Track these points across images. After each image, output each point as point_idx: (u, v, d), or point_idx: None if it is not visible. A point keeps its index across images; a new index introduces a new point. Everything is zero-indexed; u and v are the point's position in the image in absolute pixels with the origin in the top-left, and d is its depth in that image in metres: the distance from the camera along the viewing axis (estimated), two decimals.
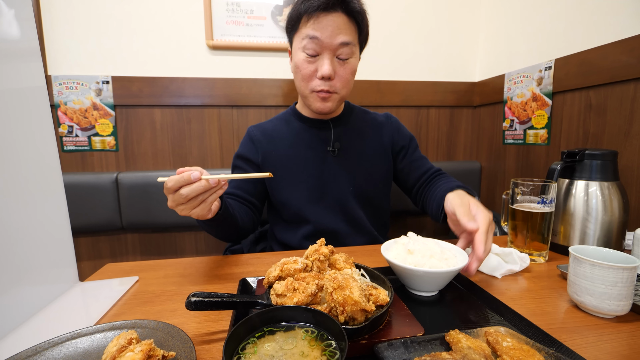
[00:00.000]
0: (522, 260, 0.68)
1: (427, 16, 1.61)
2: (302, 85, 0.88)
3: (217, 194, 0.62)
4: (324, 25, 0.80)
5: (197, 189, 0.57)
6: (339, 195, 0.95)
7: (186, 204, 0.59)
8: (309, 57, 0.84)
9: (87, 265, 1.42)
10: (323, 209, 0.94)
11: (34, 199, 0.58)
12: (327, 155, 0.95)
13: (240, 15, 1.45)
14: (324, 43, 0.81)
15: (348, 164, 0.96)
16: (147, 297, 0.60)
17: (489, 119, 1.60)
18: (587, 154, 0.76)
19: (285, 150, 0.96)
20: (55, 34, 1.34)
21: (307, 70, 0.85)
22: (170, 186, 0.58)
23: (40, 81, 0.62)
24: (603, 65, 1.03)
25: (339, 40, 0.81)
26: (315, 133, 0.97)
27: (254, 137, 0.98)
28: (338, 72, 0.85)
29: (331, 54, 0.83)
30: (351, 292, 0.41)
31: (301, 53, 0.85)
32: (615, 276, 0.49)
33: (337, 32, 0.81)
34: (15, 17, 0.57)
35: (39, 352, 0.39)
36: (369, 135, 1.00)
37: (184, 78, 1.42)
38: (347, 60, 0.85)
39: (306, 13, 0.81)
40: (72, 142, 1.40)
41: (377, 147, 1.00)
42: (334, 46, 0.82)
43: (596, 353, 0.42)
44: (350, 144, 0.97)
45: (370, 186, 0.98)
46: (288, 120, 1.00)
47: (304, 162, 0.94)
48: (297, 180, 0.94)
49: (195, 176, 0.57)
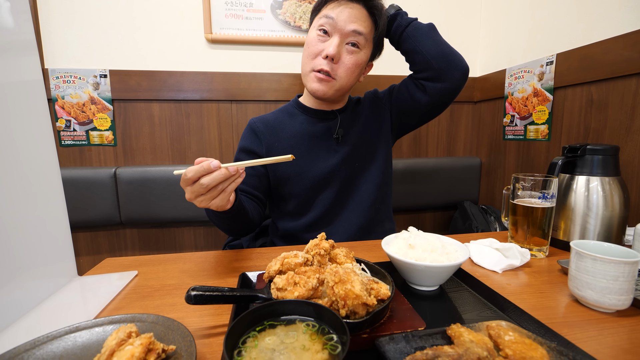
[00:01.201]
0: (523, 255, 0.68)
1: (427, 11, 1.59)
2: (306, 62, 0.89)
3: (237, 183, 0.61)
4: (342, 9, 0.83)
5: (217, 177, 0.56)
6: (345, 175, 0.95)
7: (206, 194, 0.58)
8: (321, 35, 0.86)
9: (85, 260, 1.42)
10: (328, 196, 0.95)
11: (32, 194, 0.57)
12: (331, 143, 0.95)
13: (240, 9, 1.43)
14: (338, 25, 0.83)
15: (352, 143, 0.96)
16: (146, 291, 0.60)
17: (490, 114, 1.59)
18: (588, 149, 0.76)
19: (289, 141, 0.95)
20: (51, 26, 1.33)
21: (315, 48, 0.86)
22: (191, 176, 0.56)
23: (37, 75, 0.61)
24: (605, 60, 1.02)
25: (352, 26, 0.83)
26: (320, 123, 0.96)
27: (257, 129, 0.97)
28: (343, 59, 0.86)
29: (341, 38, 0.84)
30: (352, 286, 0.41)
31: (315, 31, 0.87)
32: (616, 271, 0.48)
33: (352, 19, 0.83)
34: (10, 10, 0.56)
35: (38, 345, 0.39)
36: (368, 115, 1.01)
37: (183, 72, 1.41)
38: (355, 49, 0.86)
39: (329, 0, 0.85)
40: (69, 136, 1.39)
41: (375, 118, 1.01)
42: (346, 31, 0.83)
43: (597, 347, 0.42)
44: (353, 128, 0.98)
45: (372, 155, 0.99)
46: (291, 113, 0.99)
47: (308, 152, 0.94)
48: (301, 171, 0.94)
49: (215, 164, 0.56)
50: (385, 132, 1.02)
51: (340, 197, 0.96)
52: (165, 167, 1.38)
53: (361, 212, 0.96)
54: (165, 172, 1.36)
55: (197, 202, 0.59)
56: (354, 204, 0.97)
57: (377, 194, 0.98)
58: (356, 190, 0.97)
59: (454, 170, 1.61)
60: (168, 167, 1.39)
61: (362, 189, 0.97)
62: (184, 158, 1.48)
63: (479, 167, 1.65)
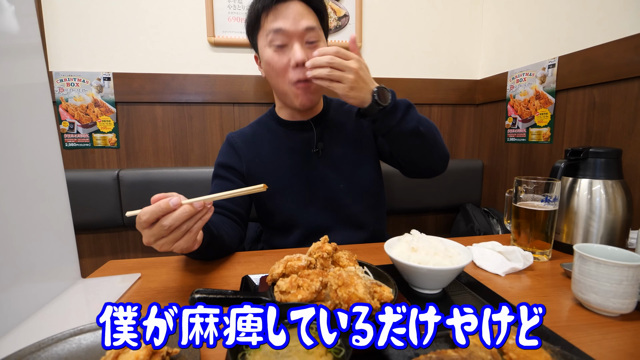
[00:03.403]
0: (526, 258, 0.68)
1: (429, 14, 1.60)
2: (279, 82, 0.84)
3: (204, 220, 0.53)
4: (284, 15, 0.78)
5: (180, 217, 0.49)
6: (330, 195, 0.92)
7: (168, 237, 0.50)
8: (278, 49, 0.80)
9: (88, 262, 1.42)
10: (314, 212, 0.91)
11: (36, 196, 0.58)
12: (311, 157, 0.92)
13: (242, 12, 1.44)
14: (290, 31, 0.78)
15: (335, 162, 0.92)
16: (149, 294, 0.60)
17: (492, 117, 1.59)
18: (591, 152, 0.76)
19: (269, 157, 0.92)
20: (56, 30, 1.34)
21: (280, 63, 0.81)
22: (146, 219, 0.48)
23: (43, 77, 0.62)
24: (607, 63, 1.02)
25: (303, 25, 0.78)
26: (298, 136, 0.93)
27: (235, 144, 0.93)
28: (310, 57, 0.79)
29: (300, 40, 0.79)
30: (356, 289, 0.41)
31: (268, 49, 0.81)
32: (620, 274, 0.48)
33: (299, 19, 0.78)
34: (16, 14, 0.57)
35: (43, 348, 0.39)
36: (349, 128, 0.96)
37: (185, 75, 1.42)
38: (315, 43, 0.82)
39: (265, 9, 0.79)
40: (73, 139, 1.40)
41: (360, 137, 0.96)
42: (300, 32, 0.79)
43: (601, 351, 0.42)
44: (333, 142, 0.93)
45: (362, 178, 0.94)
46: (268, 125, 0.96)
47: (289, 167, 0.91)
48: (284, 187, 0.91)
49: (174, 202, 0.48)
50: (371, 146, 0.97)
51: (328, 214, 0.92)
52: (168, 170, 1.38)
53: (352, 230, 0.93)
54: (167, 175, 1.36)
55: (156, 246, 0.50)
56: (343, 222, 0.93)
57: (368, 214, 0.95)
58: (344, 209, 0.92)
59: (456, 172, 1.60)
60: (171, 169, 1.39)
61: (351, 209, 0.93)
62: (187, 160, 1.49)
63: (481, 169, 1.65)
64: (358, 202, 0.94)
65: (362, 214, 0.94)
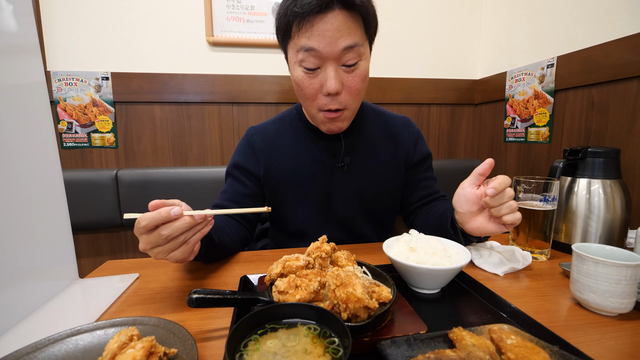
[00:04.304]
0: (524, 258, 0.68)
1: (428, 13, 1.60)
2: (307, 104, 0.76)
3: (203, 232, 0.53)
4: (320, 31, 0.65)
5: (180, 227, 0.48)
6: (344, 212, 0.88)
7: (164, 246, 0.49)
8: (309, 72, 0.70)
9: (86, 262, 1.42)
10: (327, 227, 0.88)
11: (34, 196, 0.58)
12: (335, 171, 0.85)
13: (241, 12, 1.44)
14: (324, 54, 0.67)
15: (357, 180, 0.86)
16: (147, 294, 0.60)
17: (490, 116, 1.59)
18: (589, 151, 0.76)
19: (290, 162, 0.85)
20: (54, 29, 1.33)
21: (310, 89, 0.71)
22: (145, 225, 0.47)
23: (40, 77, 0.62)
24: (606, 63, 1.02)
25: (341, 45, 0.66)
26: (324, 145, 0.85)
27: (255, 144, 0.87)
28: (346, 84, 0.71)
29: (335, 64, 0.68)
30: (354, 289, 0.40)
31: (298, 68, 0.71)
32: (619, 274, 0.48)
33: (337, 37, 0.65)
34: (14, 13, 0.57)
35: (39, 348, 0.39)
36: (382, 147, 0.89)
37: (184, 74, 1.41)
38: (355, 66, 0.70)
39: (296, 20, 0.66)
40: (71, 138, 1.39)
41: (390, 161, 0.89)
42: (336, 54, 0.67)
43: (600, 350, 0.42)
44: (361, 158, 0.87)
45: (378, 204, 0.90)
46: (293, 125, 0.88)
47: (311, 178, 0.85)
48: (302, 197, 0.85)
49: (176, 213, 0.47)
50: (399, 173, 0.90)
51: (340, 231, 0.89)
52: (167, 170, 1.38)
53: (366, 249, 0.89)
54: (166, 175, 1.36)
55: (152, 253, 0.50)
56: (352, 240, 0.90)
57: (375, 236, 0.92)
58: (355, 228, 0.90)
59: (454, 172, 1.60)
60: (169, 169, 1.39)
61: (364, 230, 0.90)
62: (185, 160, 1.48)
63: None
64: (370, 224, 0.91)
65: (371, 235, 0.92)
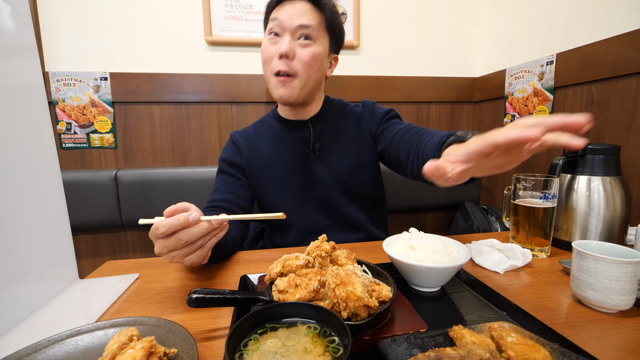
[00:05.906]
0: (524, 255, 0.68)
1: (427, 11, 1.60)
2: (265, 69, 0.88)
3: (219, 237, 0.55)
4: (286, 9, 0.84)
5: (198, 233, 0.50)
6: (324, 195, 0.93)
7: (181, 250, 0.51)
8: (272, 39, 0.85)
9: (86, 262, 1.42)
10: (309, 211, 0.93)
11: (33, 197, 0.57)
12: (308, 157, 0.93)
13: (239, 11, 1.43)
14: (284, 24, 0.83)
15: (330, 163, 0.93)
16: (147, 294, 0.60)
17: (490, 114, 1.59)
18: (589, 148, 0.76)
19: (267, 155, 0.94)
20: (52, 30, 1.33)
21: (269, 53, 0.85)
22: (164, 232, 0.48)
23: (38, 78, 0.61)
24: (605, 60, 1.02)
25: (297, 22, 0.82)
26: (295, 134, 0.94)
27: (237, 142, 0.98)
28: (298, 54, 0.84)
29: (291, 35, 0.83)
30: (354, 287, 0.40)
31: (266, 38, 0.87)
32: (619, 271, 0.48)
33: (296, 16, 0.83)
34: (11, 13, 0.57)
35: (40, 349, 0.39)
36: (348, 130, 0.96)
37: (183, 74, 1.41)
38: (307, 42, 0.84)
39: (277, 3, 0.86)
40: (70, 139, 1.39)
41: (358, 140, 0.96)
42: (292, 27, 0.83)
43: (600, 347, 0.42)
44: (331, 143, 0.94)
45: (358, 182, 0.95)
46: (269, 124, 0.99)
47: (286, 166, 0.93)
48: (280, 185, 0.93)
49: (194, 218, 0.49)
50: (370, 151, 0.96)
51: (323, 215, 0.94)
52: (166, 169, 1.38)
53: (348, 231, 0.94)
54: (165, 174, 1.36)
55: (167, 257, 0.51)
56: (338, 223, 0.94)
57: (363, 216, 0.96)
58: (338, 210, 0.94)
59: None
60: (169, 169, 1.39)
61: (349, 209, 0.94)
62: (185, 160, 1.48)
63: None
64: (352, 204, 0.95)
65: (356, 215, 0.95)
